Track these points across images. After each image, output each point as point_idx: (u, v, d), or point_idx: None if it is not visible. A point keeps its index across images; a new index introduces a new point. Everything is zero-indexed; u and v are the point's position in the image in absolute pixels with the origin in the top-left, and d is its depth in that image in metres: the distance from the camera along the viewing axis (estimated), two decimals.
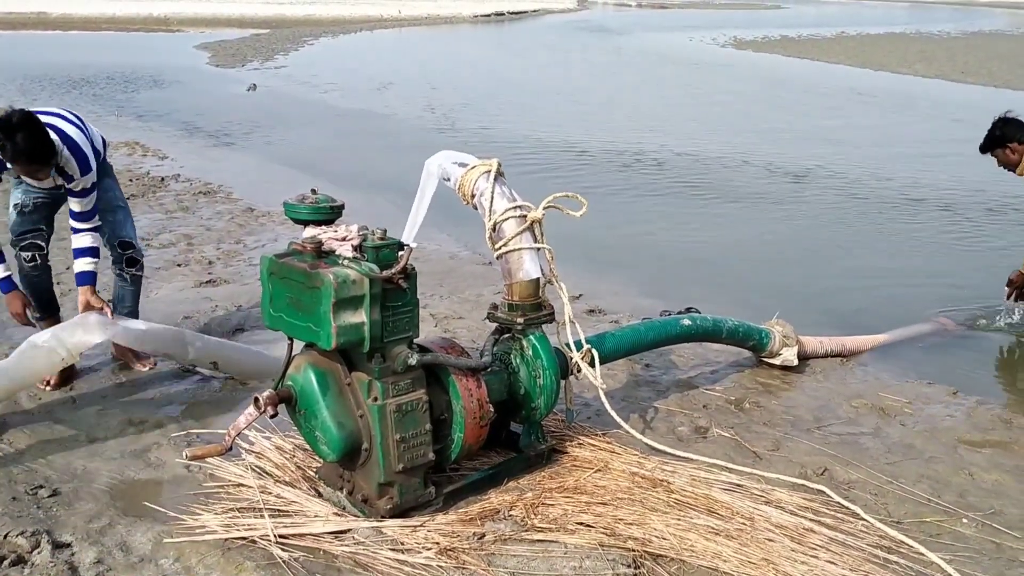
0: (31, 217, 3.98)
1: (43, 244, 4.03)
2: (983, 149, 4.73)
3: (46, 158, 3.58)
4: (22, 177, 3.86)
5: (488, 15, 42.09)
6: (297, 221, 2.96)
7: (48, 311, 4.18)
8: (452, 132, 12.12)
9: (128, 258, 4.17)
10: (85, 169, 3.74)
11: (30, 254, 3.99)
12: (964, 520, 3.17)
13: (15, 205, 3.98)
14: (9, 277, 3.84)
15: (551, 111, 14.57)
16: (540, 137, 11.70)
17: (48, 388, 3.95)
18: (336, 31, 30.93)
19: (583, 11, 54.00)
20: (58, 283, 4.66)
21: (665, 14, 51.36)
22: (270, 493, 3.09)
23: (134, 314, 4.22)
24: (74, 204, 3.84)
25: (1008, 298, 5.06)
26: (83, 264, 3.88)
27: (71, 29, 28.26)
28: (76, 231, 3.90)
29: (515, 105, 15.15)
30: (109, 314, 3.79)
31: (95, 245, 3.94)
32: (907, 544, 2.96)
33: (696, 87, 18.51)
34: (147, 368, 4.15)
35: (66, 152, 3.68)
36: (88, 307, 3.80)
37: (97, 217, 3.95)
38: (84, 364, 4.23)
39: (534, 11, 47.77)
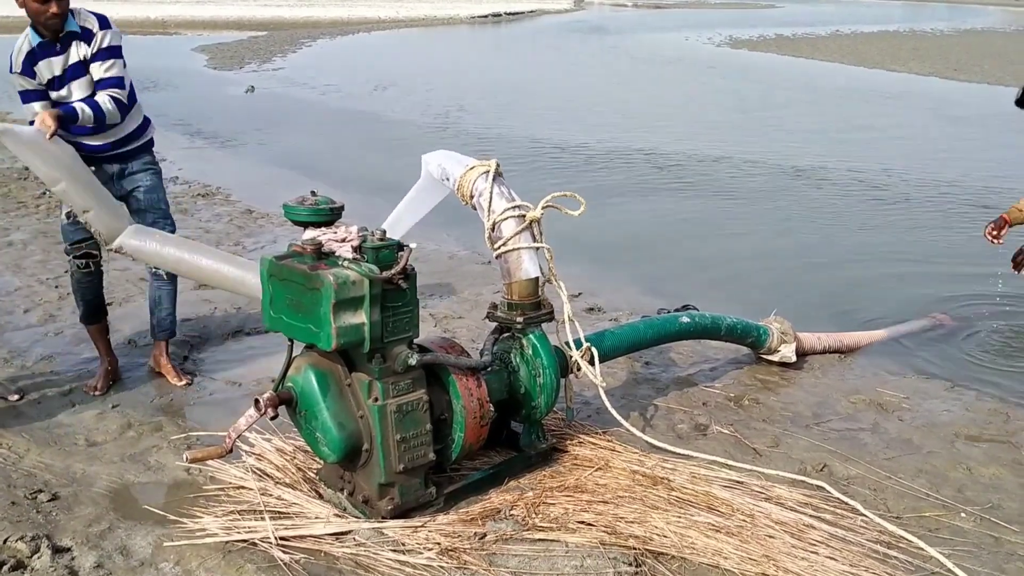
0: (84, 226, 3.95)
1: (97, 252, 3.99)
2: (1019, 103, 4.65)
3: None
4: None
5: (485, 16, 42.03)
6: (296, 223, 2.97)
7: (96, 317, 4.13)
8: (450, 133, 12.10)
9: None
10: (104, 24, 3.69)
11: (83, 261, 3.97)
12: (963, 514, 3.17)
13: (67, 214, 3.95)
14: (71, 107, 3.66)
15: (549, 111, 14.55)
16: (538, 137, 11.69)
17: (96, 394, 3.96)
18: (334, 33, 30.89)
19: (579, 11, 53.94)
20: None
21: (661, 14, 51.28)
22: (271, 495, 3.09)
23: (172, 317, 4.19)
24: (95, 69, 3.67)
25: (1018, 270, 4.75)
26: (78, 104, 3.67)
27: None
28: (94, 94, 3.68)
29: (512, 106, 15.14)
30: (48, 132, 3.55)
31: (101, 108, 3.68)
32: (906, 539, 2.97)
33: (692, 86, 18.51)
34: (183, 383, 4.09)
35: (84, 11, 3.65)
36: (41, 122, 3.62)
37: (122, 93, 3.72)
38: (82, 369, 4.24)
39: (531, 12, 47.70)
